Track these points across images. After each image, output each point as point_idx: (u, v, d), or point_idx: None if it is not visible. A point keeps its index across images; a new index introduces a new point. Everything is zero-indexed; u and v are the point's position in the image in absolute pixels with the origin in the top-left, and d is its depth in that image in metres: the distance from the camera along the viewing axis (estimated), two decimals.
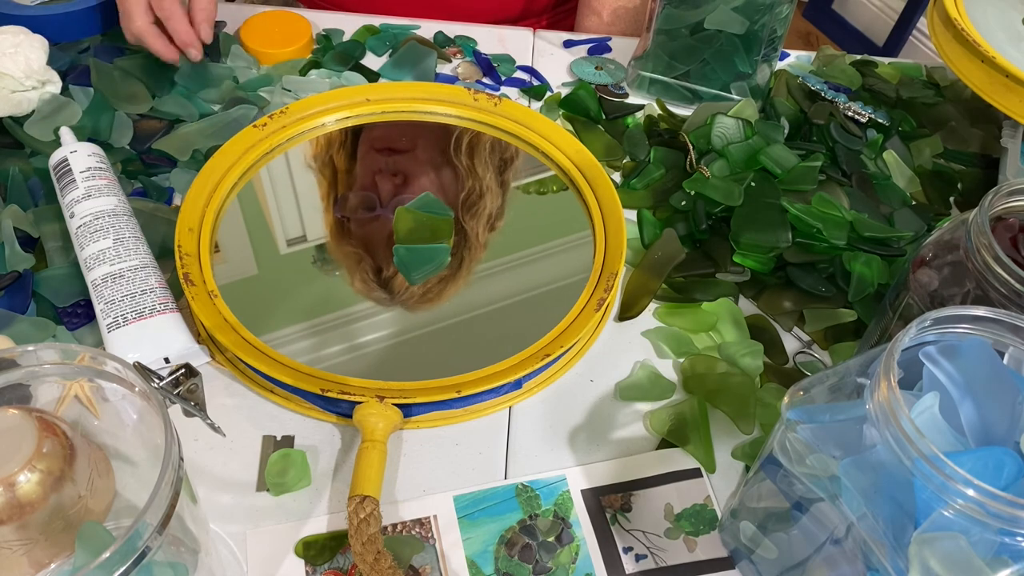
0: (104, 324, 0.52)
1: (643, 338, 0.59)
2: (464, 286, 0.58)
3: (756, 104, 0.75)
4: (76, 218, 0.56)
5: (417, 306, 0.58)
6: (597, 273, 0.58)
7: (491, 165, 0.65)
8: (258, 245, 0.62)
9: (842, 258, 0.62)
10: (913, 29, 2.07)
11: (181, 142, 0.68)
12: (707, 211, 0.64)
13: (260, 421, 0.53)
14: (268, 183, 0.66)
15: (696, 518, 0.50)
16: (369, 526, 0.44)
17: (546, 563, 0.47)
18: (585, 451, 0.53)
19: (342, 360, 0.54)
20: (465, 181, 0.64)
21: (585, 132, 0.74)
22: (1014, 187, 0.45)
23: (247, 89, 0.75)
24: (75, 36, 0.74)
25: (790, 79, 0.79)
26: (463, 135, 0.68)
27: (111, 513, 0.38)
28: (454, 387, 0.51)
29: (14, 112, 0.66)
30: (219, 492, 0.49)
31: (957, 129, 0.77)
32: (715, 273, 0.62)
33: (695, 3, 0.72)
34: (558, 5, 1.01)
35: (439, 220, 0.62)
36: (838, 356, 0.58)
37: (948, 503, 0.31)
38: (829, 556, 0.38)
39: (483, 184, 0.64)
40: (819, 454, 0.36)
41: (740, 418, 0.54)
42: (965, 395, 0.35)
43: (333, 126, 0.69)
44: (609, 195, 0.63)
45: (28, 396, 0.38)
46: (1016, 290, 0.42)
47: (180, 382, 0.45)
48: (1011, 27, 0.73)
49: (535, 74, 0.82)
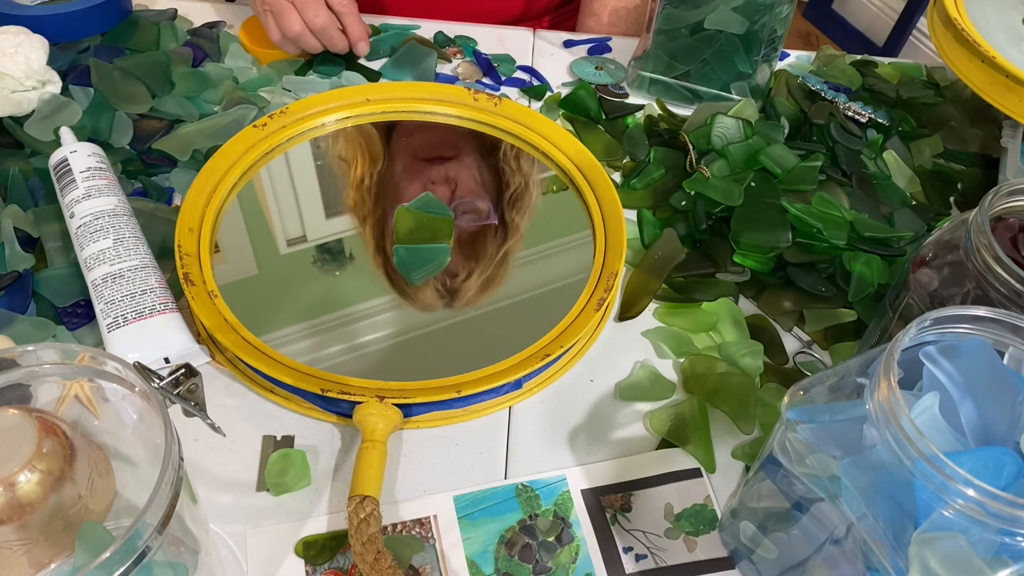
0: (104, 324, 0.52)
1: (643, 338, 0.59)
2: (507, 279, 0.61)
3: (756, 104, 0.75)
4: (76, 218, 0.56)
5: (470, 304, 0.59)
6: (597, 273, 0.58)
7: (532, 159, 0.68)
8: (258, 245, 0.62)
9: (842, 258, 0.62)
10: (913, 29, 2.07)
11: (181, 142, 0.68)
12: (707, 211, 0.64)
13: (260, 421, 0.53)
14: (268, 183, 0.66)
15: (696, 518, 0.50)
16: (369, 526, 0.44)
17: (546, 563, 0.47)
18: (585, 451, 0.53)
19: (342, 360, 0.54)
20: (512, 179, 0.67)
21: (585, 132, 0.74)
22: (1014, 187, 0.45)
23: (247, 89, 0.75)
24: (75, 36, 0.74)
25: (790, 79, 0.79)
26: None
27: (111, 513, 0.38)
28: (454, 387, 0.51)
29: (14, 112, 0.66)
30: (219, 492, 0.49)
31: (957, 129, 0.77)
32: (715, 273, 0.62)
33: (695, 3, 0.72)
34: (560, 6, 1.01)
35: (439, 220, 0.62)
36: (838, 356, 0.58)
37: (948, 503, 0.31)
38: (829, 556, 0.38)
39: (528, 179, 0.66)
40: (819, 454, 0.36)
41: (740, 418, 0.54)
42: (965, 395, 0.35)
43: (333, 126, 0.69)
44: (609, 195, 0.63)
45: (28, 396, 0.38)
46: (1016, 290, 0.42)
47: (180, 382, 0.45)
48: (1011, 27, 0.73)
49: (535, 74, 0.82)
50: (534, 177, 0.66)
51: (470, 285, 0.59)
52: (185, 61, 0.74)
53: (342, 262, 0.62)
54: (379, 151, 0.68)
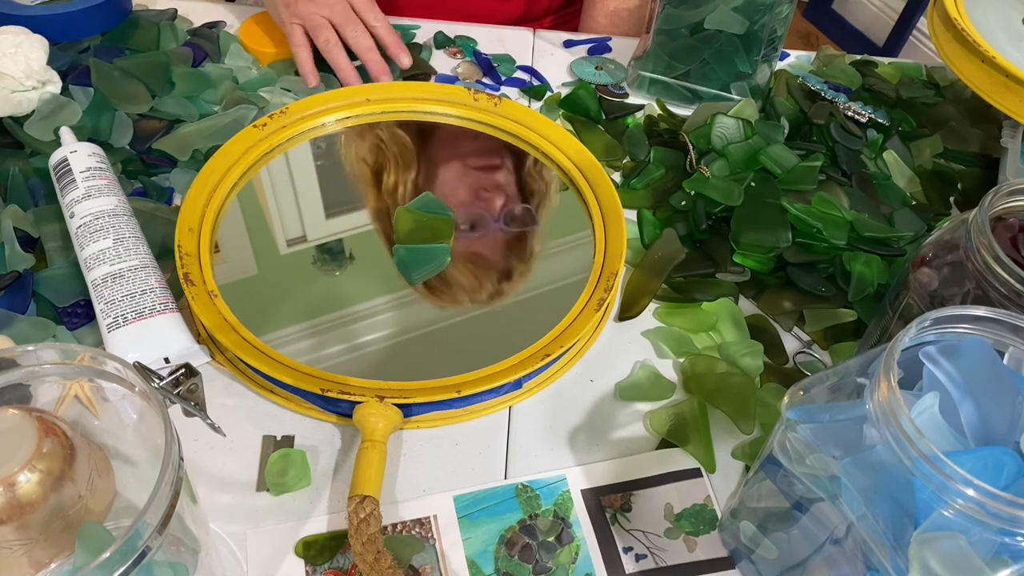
0: (104, 324, 0.52)
1: (643, 338, 0.59)
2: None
3: (756, 104, 0.75)
4: (76, 218, 0.56)
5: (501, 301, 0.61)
6: (597, 273, 0.58)
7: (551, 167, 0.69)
8: (258, 245, 0.62)
9: (842, 258, 0.62)
10: (913, 29, 2.07)
11: (181, 142, 0.68)
12: (707, 211, 0.64)
13: (260, 421, 0.53)
14: (268, 183, 0.66)
15: (696, 518, 0.50)
16: (369, 526, 0.44)
17: (546, 563, 0.47)
18: (585, 451, 0.53)
19: (342, 360, 0.54)
20: (537, 185, 0.68)
21: (585, 132, 0.74)
22: (1014, 187, 0.45)
23: (247, 89, 0.75)
24: (75, 36, 0.74)
25: (790, 79, 0.79)
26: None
27: (111, 513, 0.38)
28: (454, 387, 0.51)
29: (14, 112, 0.66)
30: (219, 492, 0.49)
31: (957, 129, 0.77)
32: (715, 273, 0.62)
33: (695, 3, 0.72)
34: (562, 8, 1.01)
35: (439, 220, 0.62)
36: (838, 356, 0.58)
37: (948, 503, 0.31)
38: (829, 556, 0.38)
39: (550, 187, 0.68)
40: (819, 454, 0.36)
41: (740, 418, 0.54)
42: (965, 395, 0.35)
43: (333, 126, 0.69)
44: (609, 195, 0.63)
45: (28, 396, 0.38)
46: (1016, 290, 0.42)
47: (180, 382, 0.45)
48: (1011, 27, 0.73)
49: (535, 74, 0.82)
50: (554, 184, 0.67)
51: (512, 286, 0.61)
52: (185, 61, 0.74)
53: (342, 262, 0.63)
54: (412, 158, 0.68)
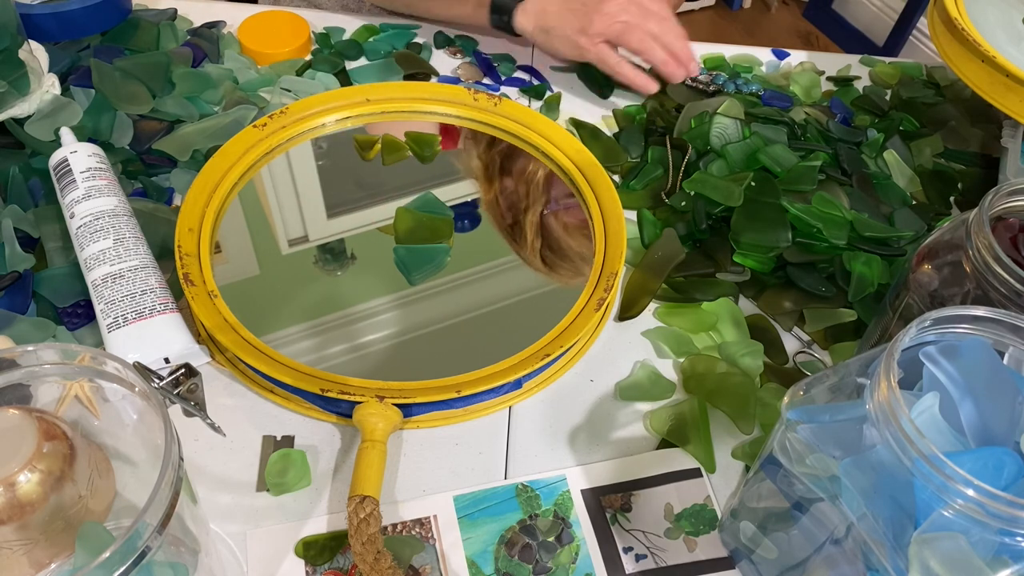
0: (104, 324, 0.52)
1: (643, 338, 0.59)
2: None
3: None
4: (76, 218, 0.56)
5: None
6: (597, 273, 0.58)
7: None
8: (258, 245, 0.62)
9: (842, 258, 0.62)
10: (913, 29, 2.07)
11: (181, 142, 0.68)
12: (707, 211, 0.64)
13: (260, 421, 0.53)
14: (268, 183, 0.66)
15: (696, 518, 0.50)
16: (369, 526, 0.44)
17: (546, 563, 0.47)
18: (585, 451, 0.53)
19: (342, 360, 0.54)
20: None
21: (586, 132, 0.74)
22: (1014, 187, 0.45)
23: (247, 89, 0.75)
24: (75, 36, 0.74)
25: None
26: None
27: (111, 513, 0.38)
28: (454, 387, 0.51)
29: (14, 112, 0.66)
30: (219, 492, 0.49)
31: (957, 129, 0.77)
32: (715, 273, 0.62)
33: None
34: None
35: (439, 220, 0.62)
36: (838, 356, 0.58)
37: (948, 503, 0.31)
38: (829, 556, 0.38)
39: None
40: (819, 454, 0.36)
41: (740, 418, 0.54)
42: (965, 395, 0.35)
43: (333, 126, 0.69)
44: (609, 195, 0.63)
45: (28, 396, 0.38)
46: (1016, 290, 0.42)
47: (180, 382, 0.45)
48: (1011, 27, 0.73)
49: (535, 74, 0.82)
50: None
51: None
52: (185, 61, 0.74)
53: (343, 262, 0.63)
54: (496, 174, 0.70)
